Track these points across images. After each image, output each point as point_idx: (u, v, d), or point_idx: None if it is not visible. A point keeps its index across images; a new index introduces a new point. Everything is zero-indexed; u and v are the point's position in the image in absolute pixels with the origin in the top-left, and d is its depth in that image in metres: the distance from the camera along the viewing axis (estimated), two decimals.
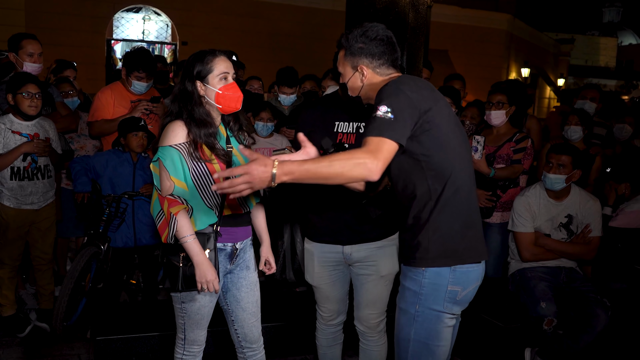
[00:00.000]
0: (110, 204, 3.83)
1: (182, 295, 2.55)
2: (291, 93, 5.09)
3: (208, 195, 2.47)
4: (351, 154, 1.95)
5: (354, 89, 2.32)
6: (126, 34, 13.56)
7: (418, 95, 2.10)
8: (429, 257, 2.17)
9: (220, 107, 2.51)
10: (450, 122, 2.21)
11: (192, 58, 2.52)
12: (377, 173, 1.95)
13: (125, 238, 3.94)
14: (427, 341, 2.24)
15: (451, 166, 2.17)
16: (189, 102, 2.48)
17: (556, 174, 3.78)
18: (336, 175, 1.93)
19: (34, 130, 3.82)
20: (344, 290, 3.01)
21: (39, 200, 3.88)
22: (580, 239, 3.89)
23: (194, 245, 2.41)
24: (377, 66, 2.26)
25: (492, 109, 4.30)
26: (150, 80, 4.30)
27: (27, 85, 3.69)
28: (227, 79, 2.50)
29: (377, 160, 1.94)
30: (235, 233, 2.60)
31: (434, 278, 2.20)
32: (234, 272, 2.67)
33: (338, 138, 2.81)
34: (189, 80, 2.49)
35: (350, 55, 2.28)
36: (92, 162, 3.88)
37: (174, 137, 2.44)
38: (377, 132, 2.00)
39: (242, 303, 2.70)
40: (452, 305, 2.23)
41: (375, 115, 2.04)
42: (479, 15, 17.60)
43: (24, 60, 4.20)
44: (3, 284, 3.92)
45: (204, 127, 2.46)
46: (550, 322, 3.58)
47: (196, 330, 2.63)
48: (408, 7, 4.06)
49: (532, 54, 21.06)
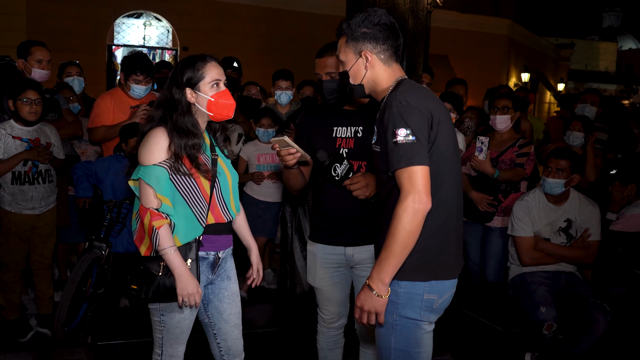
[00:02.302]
0: (111, 209, 3.84)
1: (161, 307, 2.46)
2: (286, 87, 5.12)
3: (197, 206, 2.41)
4: (398, 210, 2.02)
5: (356, 76, 2.27)
6: (127, 39, 13.60)
7: (427, 107, 2.10)
8: (403, 269, 2.14)
9: (212, 115, 2.44)
10: (448, 136, 2.20)
11: (181, 64, 2.42)
12: (426, 203, 2.02)
13: (126, 243, 3.95)
14: (408, 349, 2.24)
15: (439, 182, 2.15)
16: (174, 110, 2.38)
17: (555, 179, 3.80)
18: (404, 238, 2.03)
19: (34, 136, 3.84)
20: (345, 293, 3.02)
21: (40, 205, 3.90)
22: (580, 243, 3.90)
23: (175, 257, 2.32)
24: (381, 51, 2.21)
25: (497, 113, 4.31)
26: (148, 83, 4.30)
27: (27, 92, 3.72)
28: (219, 86, 2.42)
29: (418, 195, 2.01)
30: (217, 241, 2.54)
31: (409, 288, 2.20)
32: (215, 283, 2.61)
33: (337, 143, 2.82)
34: (177, 87, 2.39)
35: (354, 41, 2.23)
36: (93, 168, 3.90)
37: (157, 150, 2.33)
38: (405, 161, 2.02)
39: (224, 315, 2.64)
40: (429, 313, 2.23)
41: (397, 141, 2.03)
42: (479, 21, 17.64)
43: (33, 67, 4.23)
44: (7, 288, 3.93)
45: (188, 138, 2.36)
46: (550, 326, 3.59)
47: (175, 346, 2.54)
48: (407, 13, 4.09)
49: (532, 58, 21.11)
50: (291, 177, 2.82)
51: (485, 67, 17.57)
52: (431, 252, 2.17)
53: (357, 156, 2.78)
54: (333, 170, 2.66)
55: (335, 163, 2.65)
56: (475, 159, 4.11)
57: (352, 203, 2.74)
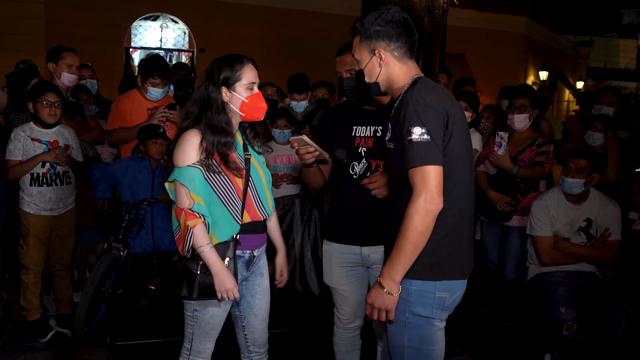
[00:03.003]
0: (129, 210, 3.87)
1: (195, 303, 2.53)
2: (302, 99, 5.15)
3: (232, 204, 2.47)
4: (409, 209, 2.02)
5: (371, 75, 2.26)
6: (144, 42, 13.71)
7: (442, 107, 2.09)
8: (414, 269, 2.15)
9: (243, 116, 2.50)
10: (463, 137, 2.18)
11: (219, 63, 2.47)
12: (438, 203, 2.03)
13: (144, 244, 3.98)
14: (422, 347, 2.24)
15: (455, 183, 2.14)
16: (209, 108, 2.44)
17: (574, 178, 3.75)
18: (415, 238, 2.04)
19: (53, 138, 3.88)
20: (361, 293, 3.00)
21: (58, 206, 3.94)
22: (600, 242, 3.85)
23: (211, 254, 2.40)
24: (395, 49, 2.20)
25: (514, 112, 4.27)
26: (165, 86, 4.33)
27: (46, 94, 3.76)
28: (253, 89, 2.49)
29: (430, 195, 2.01)
30: (252, 240, 2.61)
31: (420, 286, 2.19)
32: (249, 280, 2.68)
33: (356, 142, 2.81)
34: (214, 86, 2.44)
35: (367, 39, 2.22)
36: (111, 169, 3.93)
37: (190, 151, 2.40)
38: (419, 160, 2.02)
39: (255, 309, 2.72)
40: (440, 311, 2.23)
41: (412, 139, 2.03)
42: (496, 19, 17.48)
43: (62, 71, 4.29)
44: (27, 289, 3.98)
45: (221, 135, 2.42)
46: (570, 327, 3.54)
47: (204, 341, 2.60)
48: (423, 12, 4.06)
49: (550, 56, 20.87)
50: (310, 175, 2.82)
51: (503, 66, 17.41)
52: (443, 252, 2.16)
53: (376, 155, 2.77)
54: (351, 168, 2.65)
55: (353, 161, 2.64)
56: (495, 154, 4.07)
57: (368, 203, 2.73)
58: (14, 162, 3.81)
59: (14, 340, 4.00)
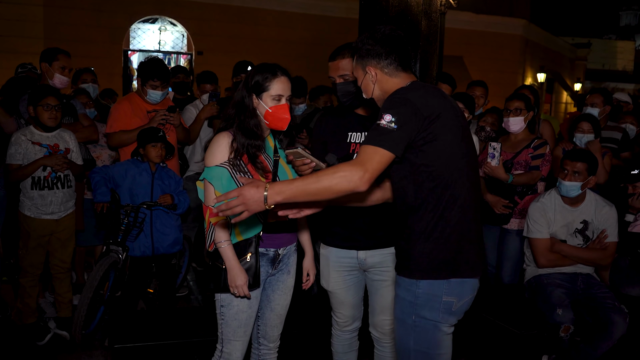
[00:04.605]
0: (128, 213, 3.88)
1: (221, 299, 2.64)
2: (300, 103, 5.16)
3: None
4: (337, 168, 2.00)
5: (366, 91, 2.35)
6: (143, 44, 13.71)
7: (426, 104, 2.10)
8: (422, 268, 2.17)
9: (267, 123, 2.60)
10: (457, 132, 2.19)
11: (255, 70, 2.62)
12: (363, 184, 1.99)
13: (143, 247, 3.99)
14: (428, 350, 2.24)
15: (453, 178, 2.16)
16: (242, 111, 2.58)
17: (571, 181, 3.77)
18: (324, 190, 1.99)
19: (53, 141, 3.90)
20: (358, 296, 3.03)
21: (59, 210, 3.95)
22: (597, 244, 3.86)
23: (227, 250, 2.53)
24: (384, 66, 2.27)
25: (510, 115, 4.30)
26: (165, 88, 4.35)
27: (47, 98, 3.78)
28: (281, 100, 2.58)
29: (363, 172, 1.98)
30: (278, 239, 2.69)
31: (428, 289, 2.20)
32: (275, 276, 2.77)
33: (351, 148, 2.84)
34: (247, 91, 2.59)
35: (360, 58, 2.31)
36: (111, 172, 3.94)
37: (218, 153, 2.55)
38: (375, 141, 2.04)
39: (272, 304, 2.80)
40: (447, 315, 2.23)
41: (379, 123, 2.06)
42: (494, 21, 17.51)
43: (55, 72, 4.30)
44: (25, 292, 3.99)
45: (251, 138, 2.55)
46: (567, 329, 3.56)
47: (232, 342, 2.65)
48: (421, 15, 4.08)
49: (548, 58, 20.92)
50: None
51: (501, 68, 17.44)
52: (450, 248, 2.18)
53: None
54: None
55: None
56: (488, 165, 4.09)
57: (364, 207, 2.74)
58: (15, 166, 3.82)
59: (11, 343, 4.00)
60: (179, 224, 4.17)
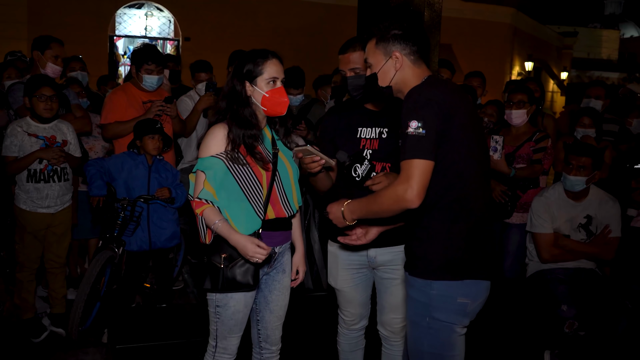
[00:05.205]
0: (125, 207, 3.78)
1: (217, 299, 2.54)
2: (297, 94, 5.06)
3: (255, 197, 2.47)
4: (389, 189, 2.08)
5: (385, 78, 2.27)
6: (128, 30, 13.49)
7: (444, 100, 2.08)
8: (436, 269, 2.15)
9: (265, 110, 2.52)
10: (472, 131, 2.17)
11: (243, 57, 2.52)
12: (416, 201, 2.02)
13: (140, 242, 3.89)
14: (442, 352, 2.23)
15: (465, 177, 2.14)
16: (235, 101, 2.49)
17: (577, 176, 3.74)
18: (382, 211, 2.12)
19: (50, 133, 3.78)
20: (366, 294, 2.97)
21: (55, 203, 3.84)
22: (600, 239, 3.84)
23: (224, 227, 2.39)
24: (411, 52, 2.23)
25: (512, 108, 4.25)
26: (160, 73, 4.23)
27: (42, 88, 3.66)
28: (276, 83, 2.50)
29: (411, 188, 2.00)
30: (275, 237, 2.60)
31: (442, 290, 2.18)
32: (270, 275, 2.68)
33: (361, 144, 2.76)
34: (238, 80, 2.50)
35: (384, 42, 2.25)
36: (107, 165, 3.83)
37: (214, 144, 2.45)
38: (410, 154, 2.03)
39: (271, 305, 2.71)
40: (461, 317, 2.22)
41: (407, 132, 2.04)
42: (483, 9, 17.51)
43: (48, 61, 4.17)
44: (22, 287, 3.90)
45: (246, 128, 2.47)
46: (572, 324, 3.55)
47: (228, 338, 2.60)
48: (424, 5, 4.00)
49: (535, 47, 20.97)
50: (318, 181, 2.78)
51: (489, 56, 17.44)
52: (463, 249, 2.16)
53: (382, 158, 2.72)
54: (353, 170, 2.58)
55: (355, 163, 2.57)
56: (491, 158, 4.04)
57: None
58: (11, 158, 3.71)
59: (5, 340, 3.90)
60: (176, 218, 4.08)
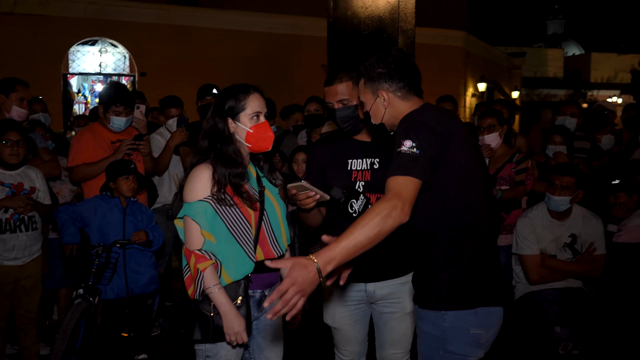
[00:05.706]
0: (99, 254, 3.57)
1: (207, 349, 2.39)
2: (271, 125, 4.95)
3: (245, 239, 2.36)
4: (376, 209, 1.89)
5: (376, 116, 2.25)
6: (82, 67, 13.19)
7: (439, 123, 2.06)
8: (446, 298, 2.09)
9: (250, 147, 2.42)
10: (471, 154, 2.14)
11: (224, 93, 2.43)
12: (405, 216, 1.91)
13: (117, 289, 3.68)
14: None
15: (469, 202, 2.10)
16: (218, 139, 2.39)
17: (561, 196, 3.74)
18: (375, 236, 1.87)
19: (17, 180, 3.56)
20: (364, 331, 2.88)
21: (23, 255, 3.60)
22: (586, 257, 3.84)
23: (220, 295, 2.30)
24: (397, 89, 2.20)
25: (484, 133, 4.26)
26: (129, 115, 4.07)
27: (8, 133, 3.47)
28: (259, 118, 2.42)
29: (402, 203, 1.91)
30: (264, 279, 2.47)
31: (454, 322, 2.11)
32: (260, 320, 2.54)
33: (353, 176, 2.69)
34: (220, 117, 2.40)
35: (370, 82, 2.22)
36: (79, 210, 3.62)
37: (200, 187, 2.34)
38: (403, 170, 1.95)
39: (265, 352, 2.57)
40: (476, 349, 2.15)
41: (400, 150, 1.98)
42: (435, 33, 17.82)
43: (13, 104, 3.99)
44: None
45: (232, 167, 2.36)
46: (566, 346, 3.52)
47: None
48: (397, 32, 3.98)
49: (487, 68, 21.47)
50: (310, 217, 2.69)
51: (444, 79, 17.71)
52: (471, 275, 2.10)
53: (375, 189, 2.65)
54: (350, 207, 2.49)
55: (351, 199, 2.48)
56: None
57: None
58: None
59: None
60: (153, 261, 3.90)
